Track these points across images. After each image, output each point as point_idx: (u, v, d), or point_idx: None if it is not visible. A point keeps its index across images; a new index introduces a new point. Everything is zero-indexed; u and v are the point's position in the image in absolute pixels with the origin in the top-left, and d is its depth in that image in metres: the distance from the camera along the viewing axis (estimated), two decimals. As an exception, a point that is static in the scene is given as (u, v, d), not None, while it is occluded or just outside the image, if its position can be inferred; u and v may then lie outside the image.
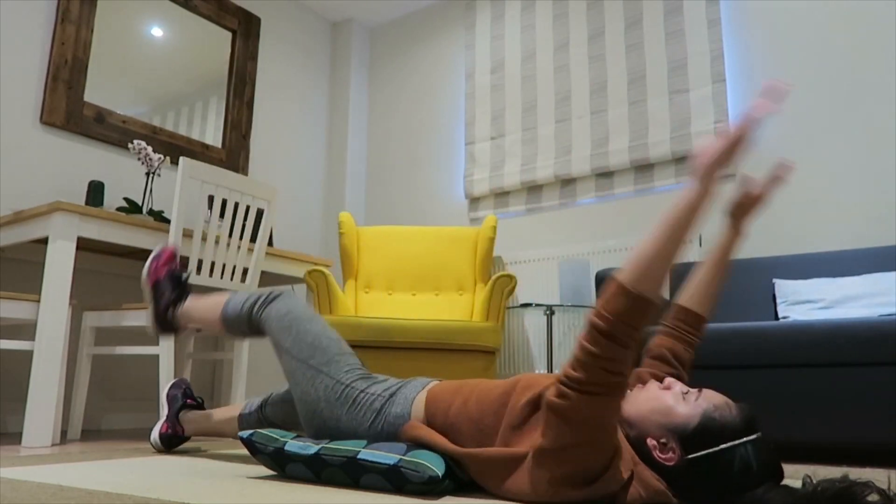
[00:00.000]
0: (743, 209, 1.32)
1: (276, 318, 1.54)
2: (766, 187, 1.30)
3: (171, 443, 1.81)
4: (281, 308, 1.55)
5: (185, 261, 1.93)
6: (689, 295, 1.36)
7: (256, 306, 1.59)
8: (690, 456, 1.03)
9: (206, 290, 3.34)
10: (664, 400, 1.10)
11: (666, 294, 2.65)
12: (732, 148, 1.04)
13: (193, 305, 1.76)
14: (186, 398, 1.87)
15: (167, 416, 1.83)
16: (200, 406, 1.89)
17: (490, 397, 1.24)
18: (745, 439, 1.02)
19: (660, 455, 1.06)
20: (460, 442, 1.23)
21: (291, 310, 1.54)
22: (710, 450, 1.02)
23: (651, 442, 1.08)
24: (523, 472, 1.09)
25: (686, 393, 1.10)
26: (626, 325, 0.98)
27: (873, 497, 0.88)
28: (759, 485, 1.00)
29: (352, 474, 1.20)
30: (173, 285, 1.80)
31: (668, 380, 1.15)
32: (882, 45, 2.61)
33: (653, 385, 1.15)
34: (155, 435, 1.80)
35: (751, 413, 1.06)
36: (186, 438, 1.83)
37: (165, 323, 1.80)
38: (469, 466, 1.16)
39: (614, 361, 0.98)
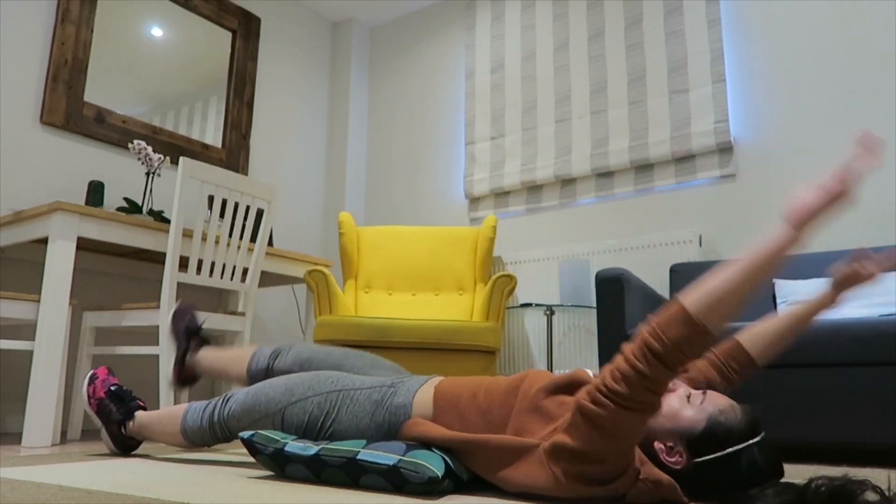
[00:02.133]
0: (849, 281, 1.26)
1: (240, 407, 1.48)
2: (881, 269, 1.24)
3: (186, 381, 1.82)
4: (239, 396, 1.50)
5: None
6: (754, 337, 1.31)
7: (217, 412, 1.53)
8: (697, 460, 1.05)
9: (205, 290, 3.35)
10: (670, 403, 1.12)
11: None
12: (832, 202, 0.97)
13: (148, 421, 1.68)
14: (190, 338, 1.85)
15: (174, 361, 1.84)
16: (206, 341, 1.88)
17: (499, 389, 1.26)
18: (749, 442, 1.04)
19: (667, 458, 1.09)
20: (470, 432, 1.24)
21: (251, 389, 1.49)
22: (717, 454, 1.04)
23: (658, 445, 1.10)
24: (533, 464, 1.09)
25: (690, 395, 1.12)
26: (681, 352, 0.95)
27: (870, 495, 0.89)
28: (764, 482, 1.02)
29: (351, 475, 1.20)
30: (117, 402, 1.72)
31: (673, 381, 1.16)
32: (881, 45, 2.61)
33: None
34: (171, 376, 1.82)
35: (754, 415, 1.08)
36: (196, 378, 1.83)
37: (124, 443, 1.72)
38: (475, 454, 1.17)
39: (658, 383, 0.96)
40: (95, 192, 2.67)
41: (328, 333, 2.49)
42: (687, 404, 1.10)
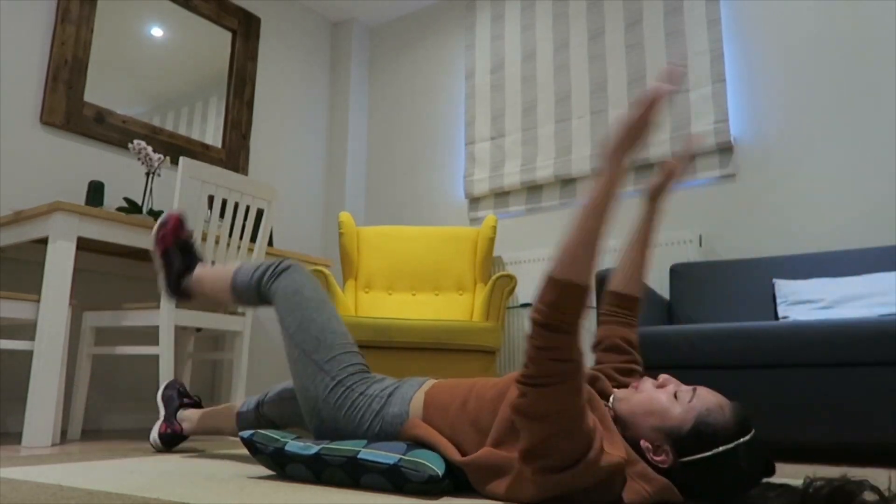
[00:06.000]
0: (660, 187, 1.38)
1: (283, 295, 1.49)
2: (681, 163, 1.36)
3: (171, 442, 1.82)
4: (289, 285, 1.49)
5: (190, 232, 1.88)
6: (619, 278, 1.40)
7: (265, 278, 1.54)
8: (684, 459, 1.04)
9: (206, 290, 3.34)
10: (659, 401, 1.10)
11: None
12: (636, 132, 1.05)
13: (203, 274, 1.73)
14: (182, 397, 1.87)
15: (165, 416, 1.84)
16: (198, 405, 1.89)
17: (487, 396, 1.23)
18: (737, 442, 1.02)
19: (653, 457, 1.07)
20: (461, 442, 1.22)
21: (300, 289, 1.48)
22: (703, 454, 1.03)
23: (644, 444, 1.09)
24: (517, 479, 1.08)
25: (678, 393, 1.11)
26: (562, 312, 0.98)
27: (869, 495, 0.89)
28: (753, 483, 1.02)
29: (352, 474, 1.20)
30: (182, 254, 1.76)
31: (663, 377, 1.16)
32: (882, 44, 2.61)
33: (647, 384, 1.16)
34: (154, 435, 1.81)
35: (744, 413, 1.07)
36: (185, 437, 1.83)
37: (178, 291, 1.76)
38: (467, 475, 1.16)
39: (559, 350, 0.99)
40: (95, 192, 2.67)
41: (328, 333, 2.49)
42: (675, 402, 1.09)
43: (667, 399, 1.10)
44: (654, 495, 1.03)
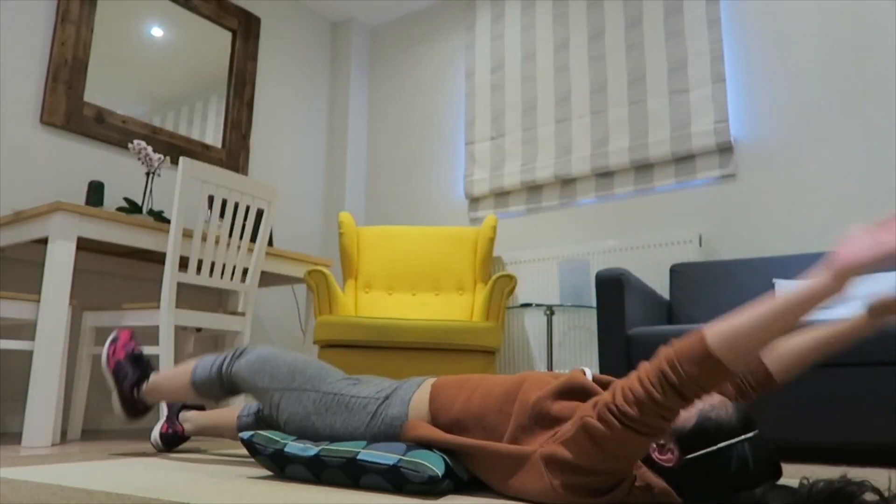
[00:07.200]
0: (889, 309, 1.18)
1: (246, 367, 1.52)
2: None
3: (172, 442, 1.82)
4: (250, 357, 1.53)
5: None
6: (778, 356, 1.25)
7: (225, 364, 1.57)
8: (688, 456, 1.04)
9: (205, 290, 3.35)
10: None
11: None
12: (885, 260, 0.89)
13: (159, 380, 1.73)
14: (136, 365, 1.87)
15: (167, 416, 1.84)
16: (200, 406, 1.90)
17: (493, 394, 1.24)
18: (741, 438, 1.03)
19: (659, 457, 1.07)
20: (465, 437, 1.23)
21: (261, 354, 1.53)
22: (707, 450, 1.03)
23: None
24: (531, 472, 1.08)
25: None
26: (698, 386, 0.93)
27: (870, 496, 0.89)
28: (758, 482, 1.01)
29: (351, 475, 1.20)
30: (134, 365, 1.77)
31: None
32: (883, 45, 2.61)
33: None
34: (155, 435, 1.81)
35: (747, 413, 1.07)
36: (187, 438, 1.83)
37: (133, 406, 1.76)
38: (474, 459, 1.16)
39: (672, 410, 0.96)
40: (95, 192, 2.67)
41: (328, 333, 2.49)
42: None
43: None
44: (652, 498, 1.03)
